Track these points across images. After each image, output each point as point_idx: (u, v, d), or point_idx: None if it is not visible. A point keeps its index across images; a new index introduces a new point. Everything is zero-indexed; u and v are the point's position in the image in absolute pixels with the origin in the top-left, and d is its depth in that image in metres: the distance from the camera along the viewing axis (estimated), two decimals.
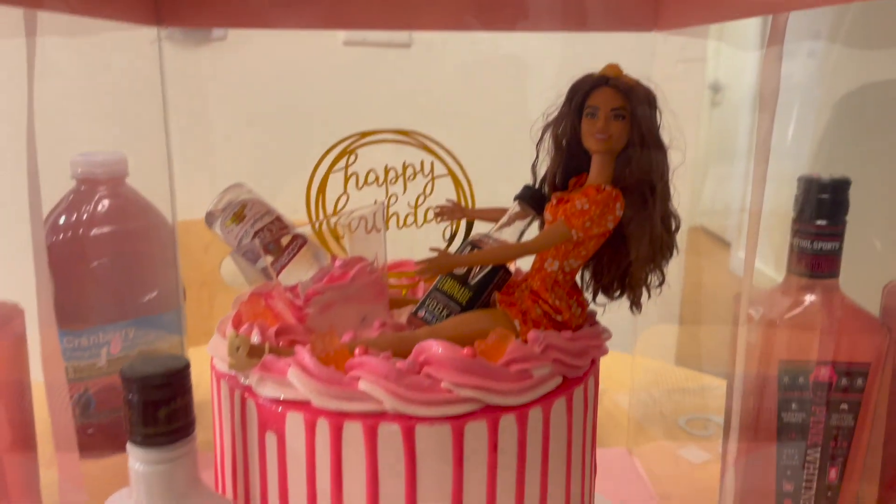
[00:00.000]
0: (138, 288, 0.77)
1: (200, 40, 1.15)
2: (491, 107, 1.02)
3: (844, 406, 0.54)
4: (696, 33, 0.72)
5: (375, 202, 0.56)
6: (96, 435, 0.75)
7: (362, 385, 0.40)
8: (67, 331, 0.73)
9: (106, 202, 0.76)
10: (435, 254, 0.45)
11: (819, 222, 0.54)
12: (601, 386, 0.90)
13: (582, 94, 0.46)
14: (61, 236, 0.74)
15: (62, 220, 0.75)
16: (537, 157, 0.50)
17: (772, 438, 0.55)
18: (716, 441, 0.83)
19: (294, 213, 0.59)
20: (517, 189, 0.52)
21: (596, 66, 0.49)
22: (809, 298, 0.54)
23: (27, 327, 0.55)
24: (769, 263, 0.62)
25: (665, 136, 0.47)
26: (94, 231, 0.74)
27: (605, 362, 0.56)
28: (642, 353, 0.87)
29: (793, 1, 0.47)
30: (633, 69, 0.49)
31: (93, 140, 0.78)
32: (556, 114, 0.48)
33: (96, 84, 0.75)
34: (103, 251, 0.75)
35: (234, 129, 1.06)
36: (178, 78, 0.76)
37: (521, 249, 0.46)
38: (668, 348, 0.99)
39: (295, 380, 0.40)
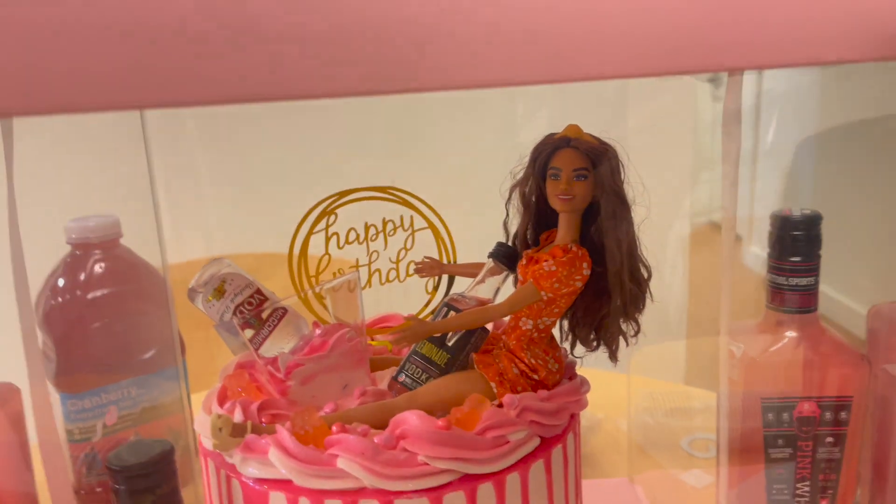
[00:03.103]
0: (137, 347, 0.78)
1: None
2: (473, 154, 1.03)
3: (831, 439, 0.55)
4: None
5: (356, 261, 0.57)
6: (104, 493, 0.77)
7: (341, 463, 0.41)
8: (70, 394, 0.75)
9: (101, 265, 0.77)
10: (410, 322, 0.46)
11: (794, 259, 0.54)
12: (600, 414, 0.90)
13: (545, 155, 0.47)
14: (59, 300, 0.75)
15: (60, 283, 0.76)
16: (507, 214, 0.51)
17: (761, 474, 0.56)
18: None
19: (277, 270, 0.60)
20: (496, 240, 0.53)
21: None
22: (789, 334, 0.55)
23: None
24: None
25: (629, 190, 0.47)
26: (91, 294, 0.76)
27: (602, 386, 0.55)
28: (639, 372, 0.86)
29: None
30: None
31: (81, 202, 0.79)
32: (521, 174, 0.49)
33: (79, 143, 0.76)
34: (101, 313, 0.76)
35: (220, 178, 1.07)
36: (164, 135, 0.77)
37: (493, 312, 0.47)
38: (664, 365, 0.99)
39: (276, 460, 0.41)
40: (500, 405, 0.45)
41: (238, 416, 0.45)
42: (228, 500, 0.44)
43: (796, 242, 0.54)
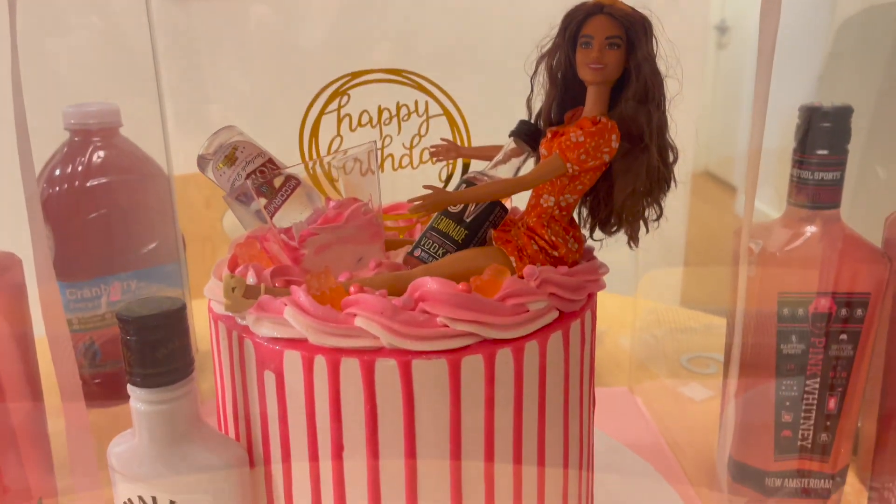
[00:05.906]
0: (137, 239, 0.77)
1: None
2: (486, 42, 1.00)
3: (844, 336, 0.54)
4: None
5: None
6: (103, 384, 0.76)
7: (358, 321, 0.40)
8: (69, 283, 0.74)
9: (101, 153, 0.75)
10: (430, 191, 0.45)
11: (820, 152, 0.53)
12: (602, 327, 0.91)
13: (576, 23, 0.45)
14: (57, 189, 0.74)
15: (57, 172, 0.74)
16: (532, 90, 0.49)
17: (771, 371, 0.56)
18: (718, 378, 0.83)
19: (288, 158, 0.58)
20: (513, 126, 0.52)
21: None
22: (810, 230, 0.54)
23: (29, 281, 0.55)
24: (771, 204, 0.62)
25: (661, 65, 0.45)
26: (90, 182, 0.74)
27: (606, 305, 0.55)
28: (644, 295, 0.87)
29: None
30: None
31: (84, 92, 0.77)
32: (549, 45, 0.47)
33: (84, 35, 0.74)
34: (100, 203, 0.74)
35: (227, 74, 1.04)
36: (169, 25, 0.74)
37: (516, 184, 0.46)
38: (671, 290, 0.99)
39: (291, 318, 0.40)
40: (521, 278, 0.44)
41: (251, 280, 0.44)
42: (241, 362, 0.43)
43: (823, 134, 0.52)
